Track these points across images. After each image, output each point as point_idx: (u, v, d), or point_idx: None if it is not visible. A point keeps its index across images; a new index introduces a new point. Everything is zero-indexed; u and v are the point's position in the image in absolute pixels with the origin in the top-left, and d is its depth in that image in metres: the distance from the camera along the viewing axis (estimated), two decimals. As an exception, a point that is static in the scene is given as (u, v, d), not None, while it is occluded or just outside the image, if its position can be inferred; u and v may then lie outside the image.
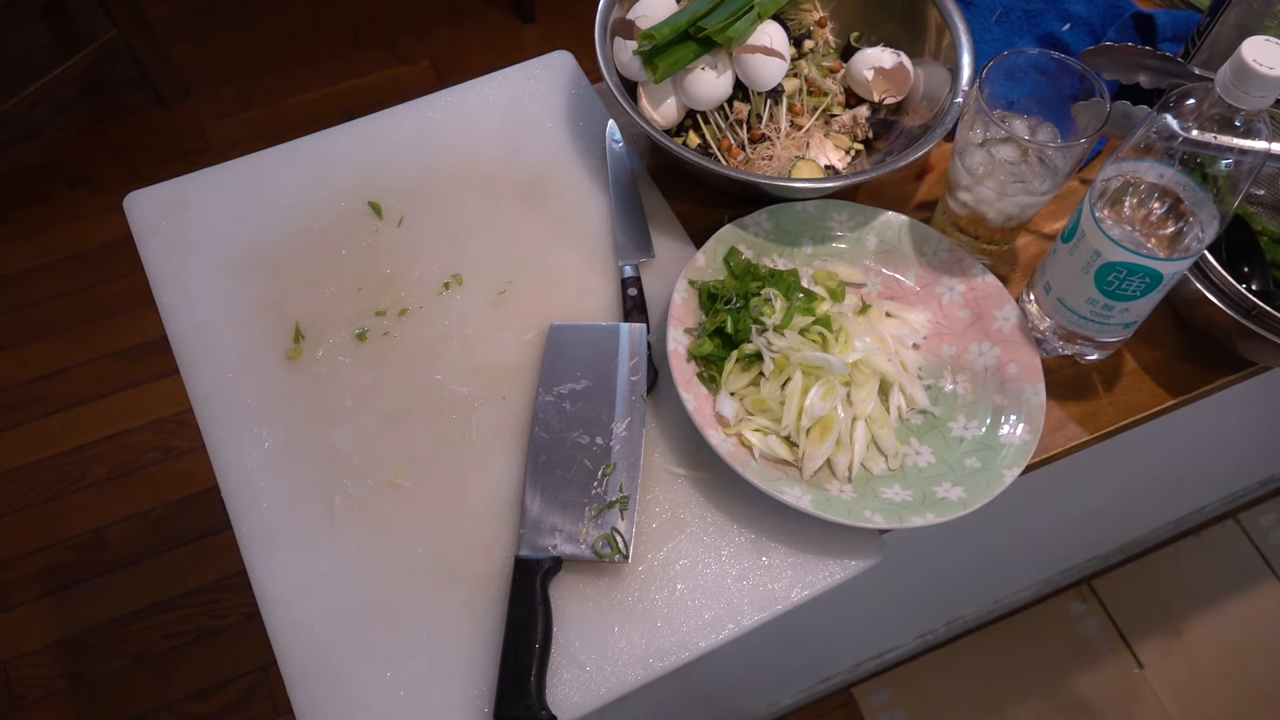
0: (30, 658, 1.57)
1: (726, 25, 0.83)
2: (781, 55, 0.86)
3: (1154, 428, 0.84)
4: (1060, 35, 0.97)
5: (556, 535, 0.71)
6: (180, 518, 1.70)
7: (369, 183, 0.90)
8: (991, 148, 0.77)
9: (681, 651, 0.70)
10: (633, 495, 0.73)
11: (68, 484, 1.72)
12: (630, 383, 0.77)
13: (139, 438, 1.77)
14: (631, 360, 0.78)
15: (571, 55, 0.99)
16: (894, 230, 0.85)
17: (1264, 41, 0.60)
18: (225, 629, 1.60)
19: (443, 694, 0.68)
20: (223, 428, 0.78)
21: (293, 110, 2.17)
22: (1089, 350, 0.81)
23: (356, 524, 0.74)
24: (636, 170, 0.91)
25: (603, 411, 0.76)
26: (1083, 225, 0.72)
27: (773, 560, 0.73)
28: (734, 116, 0.89)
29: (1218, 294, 0.76)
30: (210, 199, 0.89)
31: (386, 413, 0.79)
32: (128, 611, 1.61)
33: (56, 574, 1.64)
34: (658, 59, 0.84)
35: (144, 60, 2.06)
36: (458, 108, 0.95)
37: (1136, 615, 1.67)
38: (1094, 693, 1.60)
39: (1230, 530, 1.75)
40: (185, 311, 0.83)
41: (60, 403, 1.80)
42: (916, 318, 0.82)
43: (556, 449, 0.75)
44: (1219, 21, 0.84)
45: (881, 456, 0.76)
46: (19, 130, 2.11)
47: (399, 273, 0.85)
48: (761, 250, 0.84)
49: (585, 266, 0.86)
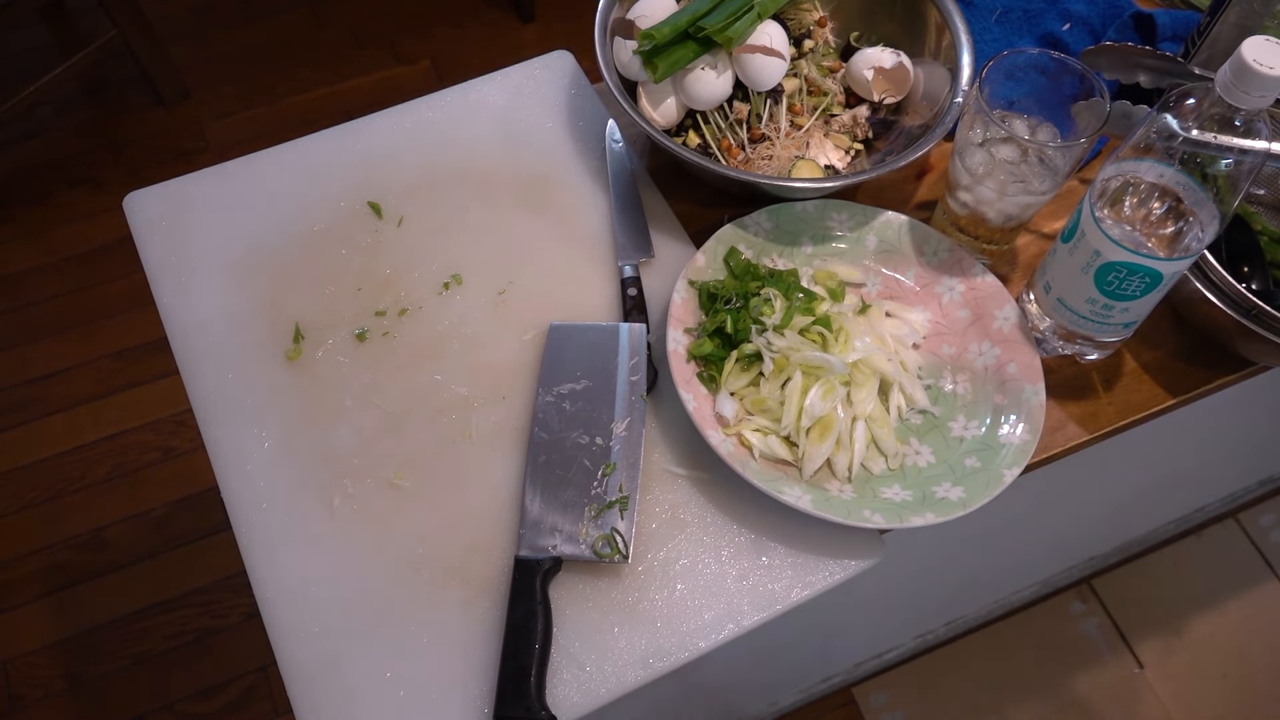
0: (30, 658, 1.57)
1: (726, 25, 0.83)
2: (781, 55, 0.86)
3: (1154, 428, 0.84)
4: (1060, 35, 0.97)
5: (556, 535, 0.71)
6: (180, 518, 1.70)
7: (369, 183, 0.90)
8: (991, 147, 0.77)
9: (681, 651, 0.70)
10: (632, 495, 0.73)
11: (68, 484, 1.72)
12: (630, 383, 0.77)
13: (139, 438, 1.77)
14: (631, 360, 0.78)
15: (571, 55, 0.99)
16: (894, 230, 0.85)
17: (1264, 41, 0.60)
18: (225, 629, 1.60)
19: (443, 694, 0.68)
20: (223, 428, 0.78)
21: (293, 110, 2.17)
22: (1089, 350, 0.81)
23: (356, 524, 0.74)
24: (636, 170, 0.91)
25: (602, 411, 0.76)
26: (1083, 225, 0.71)
27: (773, 560, 0.73)
28: (734, 116, 0.89)
29: (1218, 294, 0.76)
30: (210, 199, 0.89)
31: (386, 413, 0.79)
32: (128, 611, 1.61)
33: (56, 574, 1.64)
34: (658, 59, 0.84)
35: (144, 60, 2.06)
36: (458, 108, 0.95)
37: (1136, 615, 1.67)
38: (1094, 693, 1.60)
39: (1230, 530, 1.75)
40: (185, 311, 0.83)
41: (60, 403, 1.80)
42: (916, 318, 0.82)
43: (556, 449, 0.75)
44: (1219, 21, 0.84)
45: (881, 456, 0.76)
46: (19, 130, 2.11)
47: (399, 273, 0.85)
48: (761, 250, 0.84)
49: (585, 266, 0.86)
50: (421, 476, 0.76)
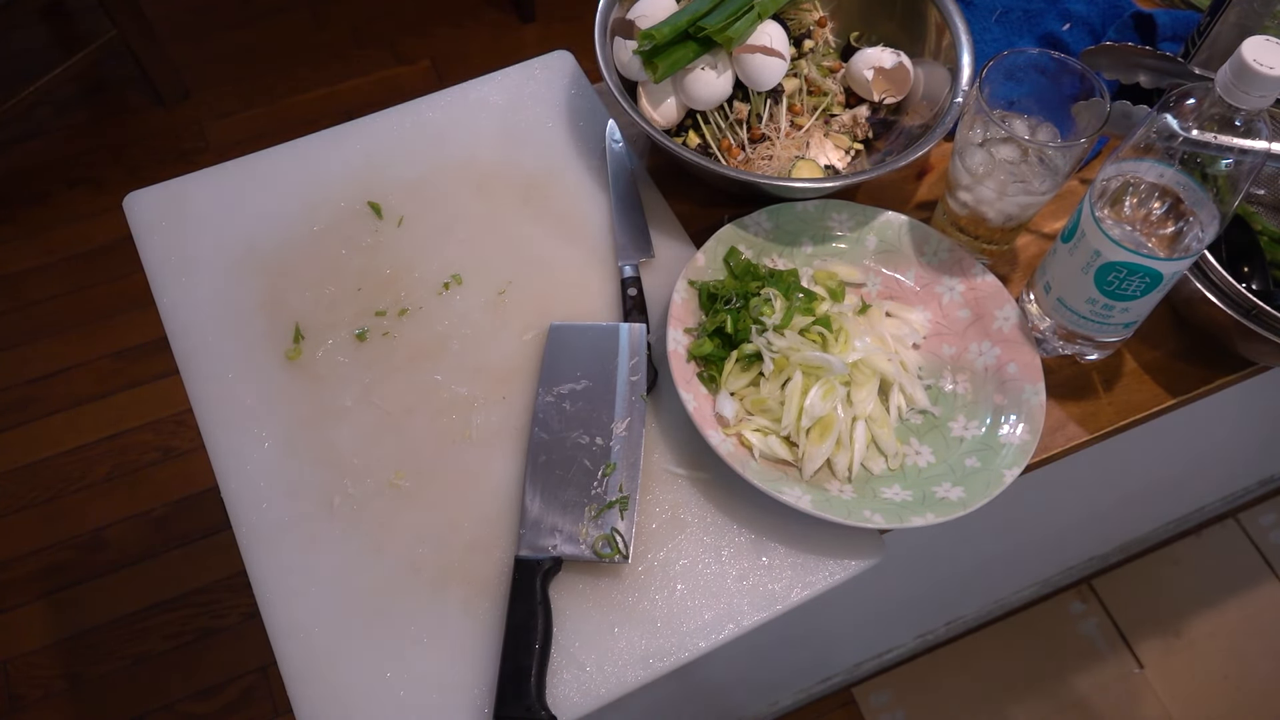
0: (30, 658, 1.57)
1: (726, 25, 0.83)
2: (781, 55, 0.86)
3: (1154, 427, 0.84)
4: (1060, 35, 0.97)
5: (556, 535, 0.71)
6: (180, 518, 1.70)
7: (369, 183, 0.90)
8: (991, 147, 0.77)
9: (681, 651, 0.70)
10: (632, 495, 0.73)
11: (68, 484, 1.72)
12: (630, 383, 0.77)
13: (139, 438, 1.77)
14: (631, 360, 0.78)
15: (571, 55, 0.99)
16: (894, 230, 0.85)
17: (1264, 41, 0.60)
18: (225, 629, 1.60)
19: (443, 694, 0.68)
20: (223, 428, 0.78)
21: (293, 110, 2.17)
22: (1089, 350, 0.81)
23: (356, 524, 0.74)
24: (636, 170, 0.91)
25: (602, 412, 0.76)
26: (1083, 225, 0.71)
27: (773, 560, 0.73)
28: (734, 116, 0.89)
29: (1218, 294, 0.76)
30: (210, 199, 0.89)
31: (386, 413, 0.79)
32: (128, 611, 1.61)
33: (56, 574, 1.64)
34: (658, 59, 0.84)
35: (144, 60, 2.06)
36: (458, 108, 0.95)
37: (1136, 615, 1.67)
38: (1094, 693, 1.60)
39: (1230, 530, 1.75)
40: (185, 311, 0.83)
41: (60, 403, 1.80)
42: (916, 318, 0.82)
43: (556, 449, 0.75)
44: (1219, 21, 0.84)
45: (881, 456, 0.76)
46: (19, 130, 2.11)
47: (399, 273, 0.85)
48: (761, 250, 0.84)
49: (585, 266, 0.86)
50: (421, 476, 0.76)
